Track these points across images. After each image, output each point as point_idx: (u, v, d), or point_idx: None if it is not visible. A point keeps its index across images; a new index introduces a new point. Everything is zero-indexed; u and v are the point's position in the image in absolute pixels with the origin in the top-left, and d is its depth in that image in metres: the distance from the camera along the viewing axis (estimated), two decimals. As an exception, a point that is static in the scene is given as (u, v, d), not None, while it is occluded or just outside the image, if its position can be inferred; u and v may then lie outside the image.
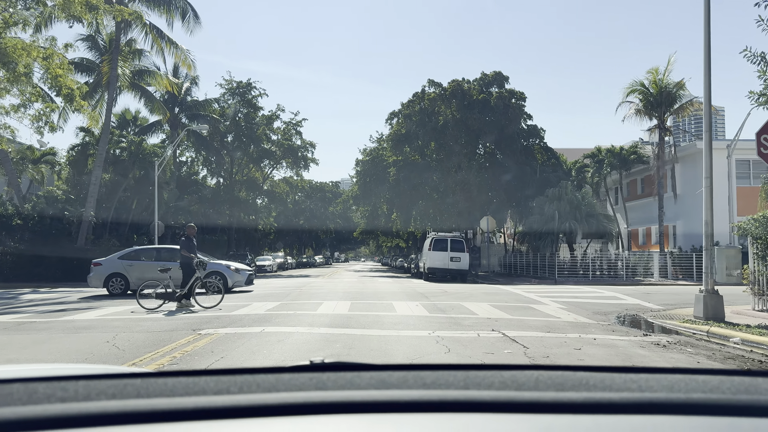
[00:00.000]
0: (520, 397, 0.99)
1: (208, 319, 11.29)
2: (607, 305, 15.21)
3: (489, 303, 14.89)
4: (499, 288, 21.98)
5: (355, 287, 22.04)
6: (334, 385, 1.04)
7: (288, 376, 1.06)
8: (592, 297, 17.59)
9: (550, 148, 40.51)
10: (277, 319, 11.15)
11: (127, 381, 1.03)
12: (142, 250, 20.17)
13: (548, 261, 30.42)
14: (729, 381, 1.07)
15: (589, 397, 0.99)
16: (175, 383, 1.02)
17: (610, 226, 30.32)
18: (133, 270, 18.68)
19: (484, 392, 1.01)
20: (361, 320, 10.94)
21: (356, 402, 0.97)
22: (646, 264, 30.10)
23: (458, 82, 38.24)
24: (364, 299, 15.72)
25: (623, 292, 20.06)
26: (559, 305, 14.83)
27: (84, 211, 29.22)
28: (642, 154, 37.02)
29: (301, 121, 51.14)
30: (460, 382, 1.05)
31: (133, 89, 32.92)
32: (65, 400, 0.96)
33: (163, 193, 37.55)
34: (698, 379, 1.08)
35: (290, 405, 0.95)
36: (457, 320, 11.18)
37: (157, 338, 8.89)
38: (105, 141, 29.69)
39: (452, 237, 29.66)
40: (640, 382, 1.05)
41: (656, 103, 32.07)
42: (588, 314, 13.07)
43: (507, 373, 1.09)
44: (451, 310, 12.94)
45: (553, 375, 1.09)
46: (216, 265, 19.01)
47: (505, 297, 17.08)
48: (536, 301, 15.91)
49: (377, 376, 1.08)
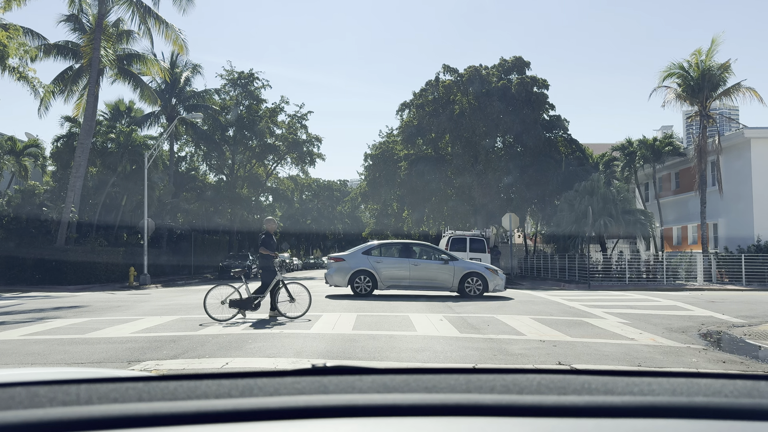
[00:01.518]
0: (522, 401, 0.98)
1: (173, 340, 8.35)
2: (675, 318, 12.14)
3: (530, 316, 11.85)
4: (530, 294, 18.90)
5: (362, 293, 19.05)
6: (336, 389, 1.03)
7: (290, 380, 1.06)
8: (648, 307, 14.49)
9: (574, 140, 37.32)
10: (254, 343, 8.17)
11: (129, 385, 1.03)
12: (388, 245, 17.92)
13: (578, 263, 27.29)
14: (731, 384, 1.06)
15: (591, 400, 0.98)
16: (177, 387, 1.02)
17: (649, 223, 27.09)
18: (382, 267, 16.57)
19: (486, 396, 1.00)
20: (370, 345, 7.94)
21: (358, 406, 0.97)
22: (688, 266, 26.89)
23: (475, 68, 35.13)
24: (372, 311, 12.73)
25: (678, 299, 16.96)
26: (618, 319, 11.77)
27: (64, 207, 26.41)
28: (677, 145, 33.77)
29: (306, 114, 48.35)
30: (462, 386, 1.04)
31: (122, 75, 30.07)
32: (67, 404, 0.96)
33: (156, 190, 34.73)
34: (700, 383, 1.07)
35: (292, 409, 0.95)
36: (501, 345, 8.16)
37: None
38: (87, 130, 26.88)
39: (471, 236, 26.60)
40: (642, 385, 1.05)
41: (697, 88, 28.82)
42: (663, 332, 10.07)
43: (509, 376, 1.08)
44: (487, 327, 9.92)
45: (555, 378, 1.08)
46: (471, 264, 17.11)
47: (545, 307, 14.02)
48: (587, 312, 12.84)
49: (379, 380, 1.07)
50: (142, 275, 28.10)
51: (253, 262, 39.91)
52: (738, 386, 1.05)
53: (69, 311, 13.42)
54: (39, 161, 32.85)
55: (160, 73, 31.62)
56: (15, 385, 1.02)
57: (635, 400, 0.99)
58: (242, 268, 12.13)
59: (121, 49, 30.14)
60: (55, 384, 1.02)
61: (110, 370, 1.48)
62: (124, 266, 29.36)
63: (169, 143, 40.55)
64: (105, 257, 29.30)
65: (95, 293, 21.05)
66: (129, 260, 29.96)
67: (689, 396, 1.02)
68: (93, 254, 28.26)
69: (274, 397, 0.99)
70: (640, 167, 34.57)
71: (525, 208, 37.40)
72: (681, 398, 1.00)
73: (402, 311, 12.49)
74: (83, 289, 24.16)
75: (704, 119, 28.87)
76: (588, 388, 1.04)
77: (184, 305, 14.56)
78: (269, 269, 11.41)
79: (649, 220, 27.20)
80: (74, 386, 1.01)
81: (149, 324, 10.46)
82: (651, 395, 1.01)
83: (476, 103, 34.11)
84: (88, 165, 30.81)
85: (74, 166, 26.30)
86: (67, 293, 21.18)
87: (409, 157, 38.16)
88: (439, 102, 36.27)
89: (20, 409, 0.94)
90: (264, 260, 11.53)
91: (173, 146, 40.92)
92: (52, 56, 29.40)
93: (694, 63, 29.03)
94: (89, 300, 17.13)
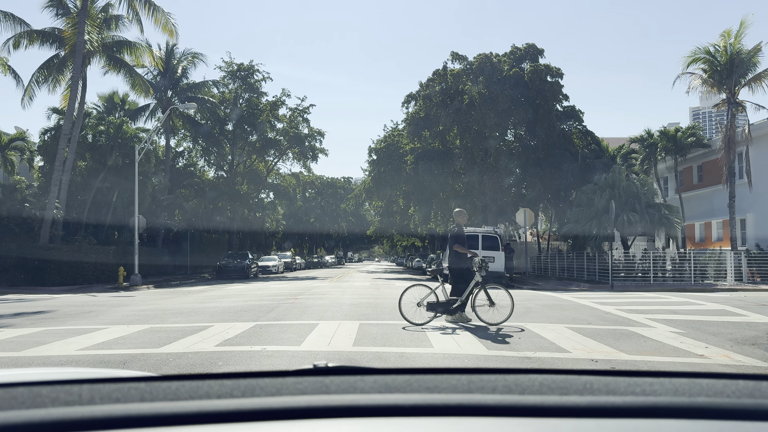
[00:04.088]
0: (523, 401, 0.98)
1: (124, 361, 6.55)
2: (734, 326, 10.26)
3: (565, 325, 10.01)
4: (553, 296, 17.04)
5: (366, 295, 17.24)
6: (337, 389, 1.03)
7: (292, 380, 1.06)
8: (694, 311, 12.60)
9: (590, 132, 35.37)
10: (226, 367, 6.36)
11: (131, 385, 1.03)
12: None
13: (599, 261, 25.39)
14: (733, 385, 1.05)
15: (592, 401, 0.98)
16: (179, 387, 1.01)
17: (676, 219, 25.14)
18: None
19: (487, 396, 1.00)
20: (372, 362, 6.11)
21: (360, 406, 0.96)
22: (717, 265, 24.95)
23: (486, 56, 33.20)
24: (378, 317, 10.91)
25: (720, 301, 15.08)
26: (668, 327, 9.90)
27: (47, 202, 24.69)
28: (701, 136, 31.81)
29: (308, 107, 46.51)
30: (463, 386, 1.04)
31: (112, 63, 28.27)
32: (69, 404, 0.95)
33: (149, 186, 32.99)
34: (702, 383, 1.06)
35: (294, 409, 0.95)
36: (546, 367, 6.32)
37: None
38: (71, 119, 25.14)
39: (484, 233, 24.74)
40: (644, 386, 1.04)
41: (725, 73, 26.86)
42: (730, 344, 8.26)
43: (511, 377, 1.08)
44: (519, 342, 8.07)
45: (556, 379, 1.07)
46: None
47: (577, 312, 12.15)
48: (628, 320, 10.97)
49: (381, 380, 1.07)
50: (133, 275, 26.40)
51: (252, 261, 38.12)
52: (740, 386, 1.05)
53: (29, 318, 11.66)
54: (26, 155, 31.12)
55: (152, 61, 29.84)
56: (17, 385, 1.02)
57: (637, 401, 0.98)
58: (439, 267, 10.46)
59: (110, 37, 28.36)
60: (58, 384, 1.03)
61: (112, 370, 1.46)
62: (114, 266, 27.63)
63: (166, 137, 38.77)
64: (94, 256, 27.59)
65: (75, 295, 19.31)
66: (120, 260, 28.25)
67: (691, 396, 1.01)
68: (80, 253, 26.55)
69: (276, 398, 0.98)
70: (662, 159, 32.59)
71: (537, 204, 35.46)
72: (683, 398, 1.00)
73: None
74: (68, 290, 22.45)
75: (733, 107, 26.90)
76: (590, 389, 1.03)
77: (164, 311, 12.79)
78: (465, 272, 9.76)
79: (675, 216, 25.23)
80: (76, 386, 1.01)
81: (108, 337, 8.69)
82: (653, 395, 1.01)
83: (487, 92, 32.18)
84: (76, 159, 29.13)
85: (57, 159, 24.57)
86: (46, 295, 19.46)
87: (415, 151, 36.27)
88: (447, 92, 34.36)
89: (23, 409, 0.94)
90: (458, 260, 9.80)
91: (169, 140, 39.11)
92: (37, 44, 27.63)
93: (721, 47, 27.07)
94: (62, 304, 15.38)
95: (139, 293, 21.01)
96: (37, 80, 27.76)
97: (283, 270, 45.59)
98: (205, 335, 8.72)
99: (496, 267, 23.87)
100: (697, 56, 27.66)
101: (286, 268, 48.12)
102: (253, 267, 37.91)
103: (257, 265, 39.80)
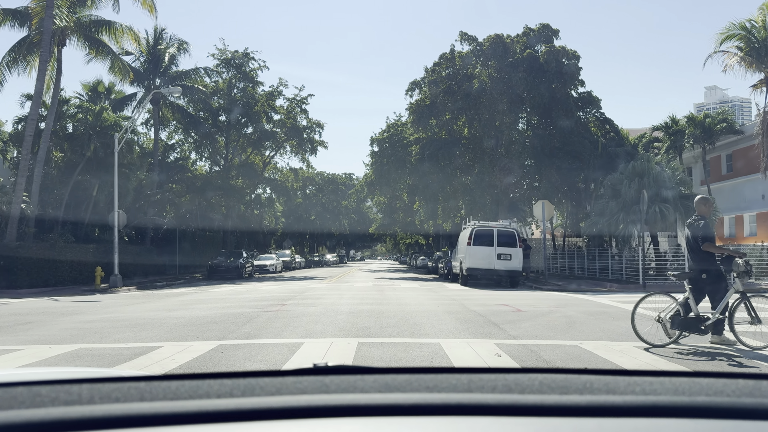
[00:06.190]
0: (523, 401, 0.97)
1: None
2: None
3: (632, 343, 7.53)
4: (588, 300, 14.55)
5: (368, 299, 14.75)
6: (337, 389, 1.02)
7: (291, 380, 1.05)
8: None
9: (609, 120, 32.84)
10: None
11: (131, 384, 1.02)
12: None
13: (626, 259, 22.88)
14: (733, 384, 1.04)
15: (592, 400, 0.97)
16: (179, 387, 1.01)
17: (714, 210, 22.62)
18: None
19: (487, 395, 0.99)
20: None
21: (360, 405, 0.96)
22: (759, 262, 22.46)
23: (498, 36, 30.66)
24: (383, 333, 8.44)
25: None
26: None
27: (14, 196, 22.26)
28: (733, 122, 29.27)
29: (306, 97, 44.04)
30: (463, 386, 1.03)
31: (89, 44, 25.84)
32: (69, 404, 0.94)
33: (133, 179, 30.57)
34: (702, 382, 1.05)
35: (294, 408, 0.94)
36: None
37: None
38: (38, 103, 22.82)
39: (499, 228, 22.26)
40: (644, 385, 1.03)
41: (764, 51, 24.37)
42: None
43: (511, 376, 1.07)
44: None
45: (557, 378, 1.06)
46: None
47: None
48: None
49: (381, 380, 1.06)
50: (112, 276, 24.01)
51: (247, 260, 35.70)
52: (740, 385, 1.04)
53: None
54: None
55: (134, 43, 27.41)
56: (17, 385, 1.01)
57: (637, 400, 0.98)
58: (686, 272, 7.47)
59: (87, 16, 25.95)
60: (57, 383, 1.02)
61: (112, 370, 1.43)
62: (93, 265, 25.20)
63: (155, 128, 36.31)
64: (71, 255, 25.15)
65: (35, 300, 16.88)
66: (101, 259, 25.82)
67: (691, 395, 1.00)
68: (54, 252, 24.11)
69: (276, 397, 0.98)
70: (689, 148, 30.04)
71: (552, 197, 32.95)
72: (683, 398, 0.99)
73: (428, 334, 8.19)
74: (35, 293, 20.04)
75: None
76: (590, 388, 1.02)
77: (116, 322, 10.34)
78: (717, 272, 7.28)
79: (713, 207, 22.67)
80: (76, 386, 1.01)
81: (14, 362, 6.27)
82: (653, 395, 1.00)
83: (498, 76, 29.66)
84: (51, 149, 26.74)
85: (24, 147, 22.20)
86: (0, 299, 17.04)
87: (420, 141, 33.73)
88: (455, 77, 31.85)
89: (22, 408, 0.93)
90: (707, 261, 7.28)
91: (158, 131, 36.65)
92: (7, 24, 25.30)
93: (759, 22, 24.56)
94: (5, 312, 12.93)
95: (111, 297, 18.57)
96: (7, 64, 25.36)
97: (282, 269, 43.20)
98: (143, 363, 6.27)
99: (513, 265, 21.44)
100: (731, 32, 25.19)
101: (285, 267, 45.71)
102: (248, 266, 35.50)
103: (253, 264, 37.37)
